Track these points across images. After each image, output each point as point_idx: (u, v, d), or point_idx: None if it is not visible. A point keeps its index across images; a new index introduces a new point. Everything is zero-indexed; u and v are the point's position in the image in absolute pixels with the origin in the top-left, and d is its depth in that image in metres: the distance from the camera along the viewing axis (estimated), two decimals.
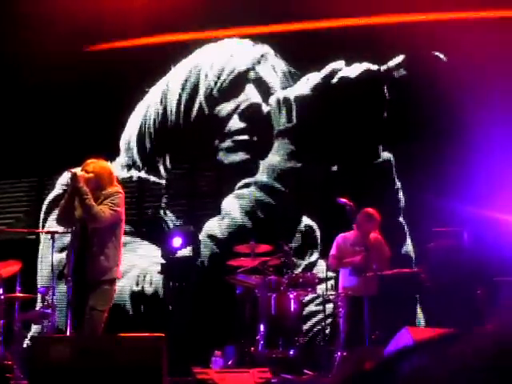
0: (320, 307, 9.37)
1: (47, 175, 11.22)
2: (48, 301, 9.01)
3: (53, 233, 8.45)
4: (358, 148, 10.25)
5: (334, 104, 10.43)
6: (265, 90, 10.82)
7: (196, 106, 10.93)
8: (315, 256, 10.20)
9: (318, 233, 10.27)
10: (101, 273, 6.70)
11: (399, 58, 10.28)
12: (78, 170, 6.93)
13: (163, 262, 10.31)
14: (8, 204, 11.41)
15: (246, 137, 10.73)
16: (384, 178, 10.10)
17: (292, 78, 10.76)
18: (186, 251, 10.33)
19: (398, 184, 10.10)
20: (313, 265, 10.15)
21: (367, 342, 7.98)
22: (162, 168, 10.89)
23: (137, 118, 11.11)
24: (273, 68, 10.84)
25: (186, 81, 11.03)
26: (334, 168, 10.30)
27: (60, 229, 8.22)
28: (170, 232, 10.35)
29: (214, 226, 10.55)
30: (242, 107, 10.83)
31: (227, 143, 10.74)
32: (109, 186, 6.92)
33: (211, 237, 10.53)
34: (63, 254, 9.09)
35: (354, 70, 10.42)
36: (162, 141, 10.98)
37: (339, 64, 10.47)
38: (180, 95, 10.99)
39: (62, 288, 9.21)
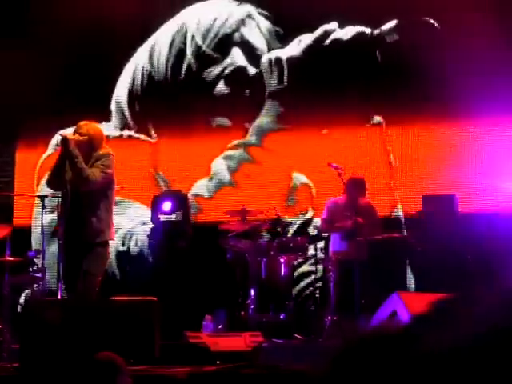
0: (312, 267, 9.38)
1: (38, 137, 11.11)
2: (38, 264, 8.95)
3: (43, 197, 8.36)
4: (349, 111, 10.16)
5: (326, 66, 10.31)
6: (250, 52, 10.74)
7: (184, 66, 10.87)
8: (310, 214, 10.15)
9: (313, 190, 10.19)
10: (94, 235, 6.68)
11: (392, 23, 10.17)
12: (68, 133, 6.92)
13: (152, 225, 10.28)
14: None
15: (231, 101, 10.68)
16: (375, 142, 10.06)
17: (278, 37, 10.66)
18: (176, 215, 10.27)
19: (389, 147, 10.04)
20: (308, 223, 10.11)
21: (357, 307, 8.00)
22: (151, 128, 10.87)
23: (125, 78, 11.03)
24: (258, 28, 10.75)
25: (173, 41, 10.96)
26: (325, 131, 10.25)
27: (50, 192, 8.16)
28: (160, 196, 10.29)
29: (202, 187, 10.54)
30: (227, 71, 10.76)
31: (214, 107, 10.71)
32: (100, 148, 6.91)
33: (198, 197, 10.55)
34: (55, 214, 9.06)
35: (347, 32, 10.30)
36: (150, 101, 10.91)
37: (332, 25, 10.35)
38: (168, 56, 10.91)
39: (53, 250, 9.18)
